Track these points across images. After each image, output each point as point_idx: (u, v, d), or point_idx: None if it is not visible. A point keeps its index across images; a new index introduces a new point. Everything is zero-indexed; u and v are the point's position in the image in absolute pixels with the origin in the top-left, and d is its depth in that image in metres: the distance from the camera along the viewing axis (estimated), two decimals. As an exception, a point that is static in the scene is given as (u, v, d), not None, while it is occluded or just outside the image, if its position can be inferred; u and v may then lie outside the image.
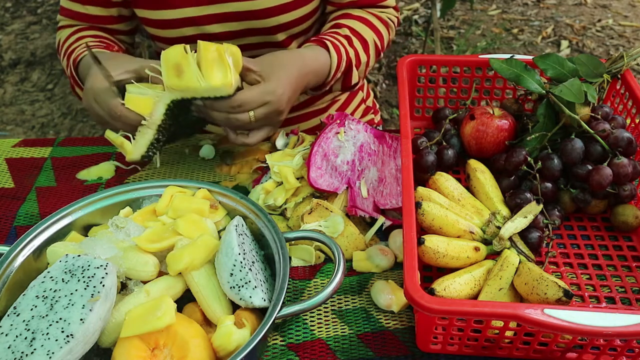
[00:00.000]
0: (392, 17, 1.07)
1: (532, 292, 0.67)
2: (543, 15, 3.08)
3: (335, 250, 0.68)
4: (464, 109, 0.96)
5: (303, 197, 0.84)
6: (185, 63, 0.79)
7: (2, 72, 2.80)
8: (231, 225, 0.69)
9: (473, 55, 1.25)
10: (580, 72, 0.86)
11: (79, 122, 2.49)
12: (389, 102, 2.53)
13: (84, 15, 1.01)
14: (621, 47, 2.80)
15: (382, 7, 1.06)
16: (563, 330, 0.56)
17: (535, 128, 0.85)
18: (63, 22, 1.05)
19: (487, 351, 0.67)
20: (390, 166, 0.88)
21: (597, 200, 0.82)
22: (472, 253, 0.73)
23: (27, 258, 0.69)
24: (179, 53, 0.79)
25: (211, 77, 0.79)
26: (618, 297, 0.74)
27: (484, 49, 2.76)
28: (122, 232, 0.71)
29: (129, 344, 0.60)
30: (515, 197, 0.79)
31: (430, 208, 0.74)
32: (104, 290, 0.61)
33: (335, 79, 0.96)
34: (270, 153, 0.91)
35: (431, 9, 2.45)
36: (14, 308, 0.61)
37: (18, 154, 1.00)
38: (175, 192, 0.77)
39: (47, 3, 3.32)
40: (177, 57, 0.79)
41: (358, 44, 0.98)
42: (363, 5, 1.04)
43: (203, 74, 0.79)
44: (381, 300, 0.73)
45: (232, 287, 0.65)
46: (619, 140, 0.79)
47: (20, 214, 0.88)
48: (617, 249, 0.80)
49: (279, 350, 0.69)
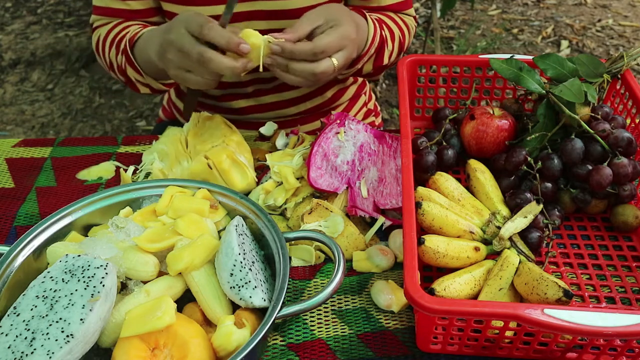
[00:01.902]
0: (411, 24, 1.09)
1: (532, 292, 0.67)
2: (543, 15, 3.08)
3: (335, 250, 0.68)
4: (464, 109, 0.96)
5: (303, 197, 0.84)
6: (211, 178, 0.85)
7: (2, 72, 2.80)
8: (231, 225, 0.69)
9: (473, 55, 1.25)
10: (580, 72, 0.86)
11: (79, 122, 2.49)
12: (389, 102, 2.53)
13: (123, 11, 1.00)
14: (621, 47, 2.80)
15: (405, 14, 1.08)
16: (563, 330, 0.56)
17: (535, 128, 0.85)
18: (99, 22, 1.04)
19: (487, 351, 0.67)
20: (390, 166, 0.88)
21: (597, 200, 0.82)
22: (472, 253, 0.73)
23: (27, 258, 0.69)
24: (205, 170, 0.85)
25: (233, 183, 0.85)
26: (618, 297, 0.74)
27: (484, 49, 2.76)
28: (122, 232, 0.71)
29: (129, 344, 0.60)
30: (515, 197, 0.79)
31: (430, 208, 0.74)
32: (104, 290, 0.61)
33: (369, 54, 0.94)
34: (270, 153, 0.91)
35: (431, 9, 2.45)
36: (14, 308, 0.61)
37: (18, 154, 1.00)
38: (175, 192, 0.77)
39: (47, 3, 3.32)
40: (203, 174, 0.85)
41: (387, 30, 0.98)
42: (388, 10, 1.06)
43: (226, 182, 0.85)
44: (381, 300, 0.73)
45: (232, 287, 0.65)
46: (619, 140, 0.79)
47: (20, 214, 0.88)
48: (617, 249, 0.80)
49: (279, 350, 0.69)
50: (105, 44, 1.00)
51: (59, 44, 2.97)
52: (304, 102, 1.15)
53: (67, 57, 2.87)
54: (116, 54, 0.97)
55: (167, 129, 0.96)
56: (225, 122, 0.94)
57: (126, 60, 0.94)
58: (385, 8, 1.06)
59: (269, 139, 1.00)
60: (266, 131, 1.00)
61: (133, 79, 0.97)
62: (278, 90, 1.11)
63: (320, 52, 0.78)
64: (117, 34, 0.97)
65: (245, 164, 0.86)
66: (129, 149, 1.00)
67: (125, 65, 0.95)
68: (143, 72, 0.94)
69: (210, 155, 0.85)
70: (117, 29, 0.99)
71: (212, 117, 0.95)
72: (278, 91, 1.11)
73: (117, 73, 1.00)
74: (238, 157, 0.86)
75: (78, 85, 2.70)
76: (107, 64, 1.02)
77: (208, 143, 0.89)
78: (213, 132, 0.92)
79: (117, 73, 1.00)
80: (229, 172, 0.85)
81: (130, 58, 0.93)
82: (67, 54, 2.89)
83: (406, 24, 1.06)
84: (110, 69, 1.02)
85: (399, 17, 1.06)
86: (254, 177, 0.87)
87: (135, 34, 0.94)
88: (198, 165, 0.85)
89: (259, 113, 1.14)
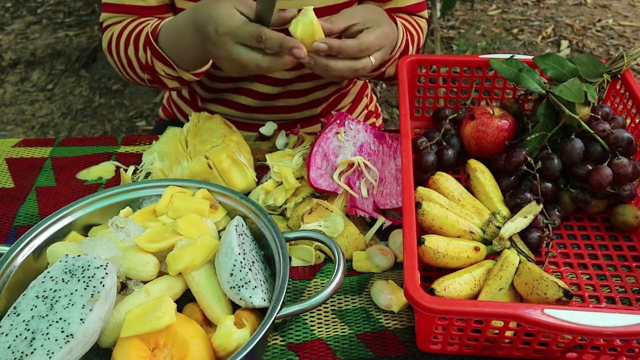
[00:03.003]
0: (425, 27, 1.09)
1: (532, 292, 0.67)
2: (543, 15, 3.08)
3: (335, 250, 0.68)
4: (464, 109, 0.96)
5: (303, 197, 0.84)
6: (211, 178, 0.85)
7: (2, 72, 2.80)
8: (231, 225, 0.69)
9: (473, 55, 1.25)
10: (580, 72, 0.86)
11: (79, 122, 2.50)
12: (389, 102, 2.53)
13: (137, 7, 0.98)
14: (621, 47, 2.80)
15: (419, 16, 1.08)
16: (563, 330, 0.56)
17: (535, 128, 0.85)
18: (111, 20, 1.01)
19: (487, 351, 0.67)
20: (390, 166, 0.88)
21: (597, 200, 0.82)
22: (472, 253, 0.73)
23: (27, 258, 0.69)
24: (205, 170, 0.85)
25: (233, 183, 0.85)
26: (618, 297, 0.74)
27: (484, 49, 2.76)
28: (122, 232, 0.71)
29: (129, 344, 0.60)
30: (515, 197, 0.79)
31: (430, 208, 0.74)
32: (104, 290, 0.61)
33: (394, 58, 0.95)
34: (270, 153, 0.91)
35: (431, 9, 2.45)
36: (14, 308, 0.61)
37: (18, 154, 1.00)
38: (175, 192, 0.77)
39: (47, 3, 3.32)
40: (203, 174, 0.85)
41: (408, 34, 0.99)
42: (404, 11, 1.06)
43: (226, 182, 0.85)
44: (381, 300, 0.73)
45: (232, 287, 0.65)
46: (619, 140, 0.79)
47: (20, 214, 0.88)
48: (617, 249, 0.80)
49: (279, 350, 0.69)
50: (119, 42, 0.96)
51: (59, 44, 2.97)
52: (309, 109, 1.15)
53: (67, 57, 2.87)
54: (135, 51, 0.93)
55: (167, 129, 0.96)
56: (225, 122, 0.94)
57: (153, 54, 0.90)
58: (402, 9, 1.06)
59: (269, 139, 1.00)
60: (266, 131, 1.00)
61: (163, 73, 0.92)
62: (287, 96, 1.11)
63: (365, 49, 0.79)
64: (132, 30, 0.94)
65: (245, 164, 0.86)
66: (129, 149, 1.00)
67: (153, 61, 0.91)
68: (175, 64, 0.90)
69: (210, 155, 0.85)
70: (132, 26, 0.95)
71: (212, 117, 0.95)
72: (286, 97, 1.12)
73: (137, 70, 0.96)
74: (238, 157, 0.86)
75: (78, 85, 2.70)
76: (123, 63, 0.98)
77: (208, 143, 0.89)
78: (213, 132, 0.92)
79: (137, 70, 0.96)
80: (229, 172, 0.85)
81: (159, 52, 0.89)
82: (67, 54, 2.89)
83: (421, 27, 1.06)
84: (125, 68, 0.98)
85: (414, 19, 1.06)
86: (254, 177, 0.87)
87: (155, 27, 0.90)
88: (198, 165, 0.85)
89: (264, 114, 1.14)
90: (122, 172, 0.92)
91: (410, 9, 1.06)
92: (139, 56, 0.93)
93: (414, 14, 1.08)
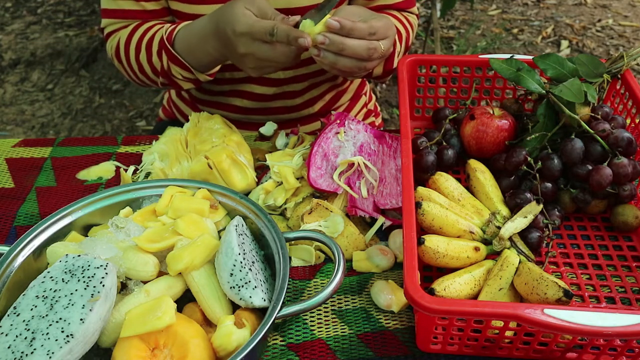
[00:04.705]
0: (415, 23, 1.09)
1: (532, 292, 0.67)
2: (543, 15, 3.08)
3: (335, 250, 0.68)
4: (464, 109, 0.96)
5: (303, 197, 0.84)
6: (211, 178, 0.85)
7: (2, 72, 2.80)
8: (231, 225, 0.69)
9: (473, 55, 1.25)
10: (580, 72, 0.86)
11: (79, 122, 2.50)
12: (389, 102, 2.53)
13: (137, 12, 0.98)
14: (621, 47, 2.80)
15: (409, 12, 1.08)
16: (563, 330, 0.56)
17: (535, 128, 0.85)
18: (114, 26, 1.01)
19: (487, 351, 0.67)
20: (390, 166, 0.88)
21: (597, 200, 0.82)
22: (472, 253, 0.73)
23: (27, 258, 0.69)
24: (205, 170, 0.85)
25: (233, 183, 0.85)
26: (618, 297, 0.74)
27: (484, 49, 2.76)
28: (122, 232, 0.71)
29: (129, 344, 0.60)
30: (515, 197, 0.79)
31: (430, 208, 0.74)
32: (104, 290, 0.61)
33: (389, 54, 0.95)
34: (270, 153, 0.91)
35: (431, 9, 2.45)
36: (14, 308, 0.61)
37: (18, 154, 1.00)
38: (175, 192, 0.77)
39: (47, 3, 3.32)
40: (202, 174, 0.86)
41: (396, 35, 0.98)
42: (392, 8, 1.06)
43: (226, 182, 0.85)
44: (381, 300, 0.73)
45: (232, 287, 0.65)
46: (619, 140, 0.79)
47: (20, 214, 0.88)
48: (617, 249, 0.80)
49: (279, 350, 0.69)
50: (129, 48, 0.97)
51: (59, 44, 2.97)
52: (307, 108, 1.15)
53: (67, 57, 2.87)
54: (148, 57, 0.95)
55: (167, 129, 0.96)
56: (225, 122, 0.94)
57: (170, 59, 0.92)
58: (391, 6, 1.06)
59: (269, 139, 1.00)
60: (266, 131, 1.00)
61: (180, 76, 0.94)
62: (283, 97, 1.12)
63: (374, 32, 0.80)
64: (142, 36, 0.95)
65: (245, 164, 0.86)
66: (129, 149, 1.00)
67: (169, 65, 0.93)
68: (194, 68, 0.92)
69: (210, 155, 0.85)
70: (140, 32, 0.96)
71: (212, 117, 0.95)
72: (283, 98, 1.12)
73: (150, 75, 0.97)
74: (238, 157, 0.86)
75: (78, 85, 2.70)
76: (134, 69, 0.99)
77: (208, 143, 0.89)
78: (213, 132, 0.92)
79: (150, 75, 0.97)
80: (229, 172, 0.85)
81: (176, 57, 0.91)
82: (67, 54, 2.89)
83: (410, 23, 1.06)
84: (136, 73, 0.99)
85: (403, 15, 1.06)
86: (254, 177, 0.87)
87: (170, 33, 0.91)
88: (198, 165, 0.85)
89: (261, 115, 1.14)
90: (122, 172, 0.92)
91: (400, 5, 1.06)
92: (153, 62, 0.95)
93: (404, 10, 1.08)
